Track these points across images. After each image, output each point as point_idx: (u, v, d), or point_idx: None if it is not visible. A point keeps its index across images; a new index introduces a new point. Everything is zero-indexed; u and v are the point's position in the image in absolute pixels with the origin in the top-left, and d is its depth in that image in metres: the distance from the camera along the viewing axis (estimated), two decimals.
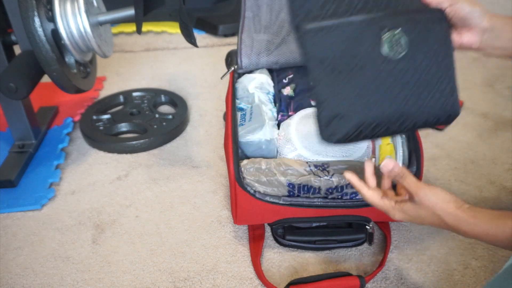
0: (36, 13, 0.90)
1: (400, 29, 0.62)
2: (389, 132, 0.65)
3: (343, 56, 0.62)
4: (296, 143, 0.80)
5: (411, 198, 0.65)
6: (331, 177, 0.75)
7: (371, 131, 0.64)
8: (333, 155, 0.80)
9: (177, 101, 1.30)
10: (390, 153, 0.80)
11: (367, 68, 0.62)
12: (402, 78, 0.63)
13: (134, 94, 1.34)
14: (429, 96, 0.64)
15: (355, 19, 0.62)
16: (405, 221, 0.67)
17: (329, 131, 0.64)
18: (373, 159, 0.81)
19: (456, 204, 0.62)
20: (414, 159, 0.79)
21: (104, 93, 1.41)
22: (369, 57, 0.62)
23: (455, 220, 0.62)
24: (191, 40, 0.97)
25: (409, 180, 0.65)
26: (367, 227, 0.83)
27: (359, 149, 0.81)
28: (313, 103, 0.88)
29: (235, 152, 0.77)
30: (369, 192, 0.68)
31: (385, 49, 0.62)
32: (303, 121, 0.84)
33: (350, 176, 0.70)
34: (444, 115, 0.66)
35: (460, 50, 0.67)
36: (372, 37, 0.62)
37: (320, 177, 0.75)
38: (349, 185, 0.76)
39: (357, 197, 0.78)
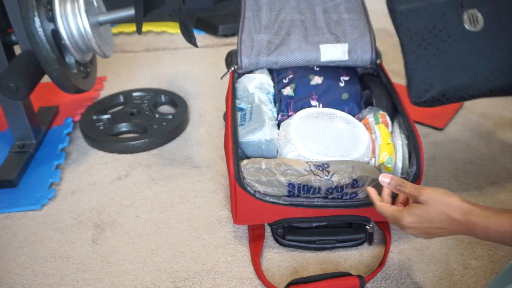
0: (36, 13, 0.90)
1: (476, 7, 0.77)
2: (468, 95, 0.81)
3: (430, 32, 0.79)
4: (296, 143, 0.80)
5: (417, 200, 0.66)
6: (331, 177, 0.75)
7: (453, 95, 0.80)
8: (333, 155, 0.80)
9: (177, 101, 1.30)
10: (390, 153, 0.80)
11: (450, 41, 0.78)
12: (480, 49, 0.78)
13: (134, 94, 1.34)
14: (501, 66, 0.77)
15: (440, 0, 0.78)
16: (414, 232, 0.67)
17: (417, 95, 0.81)
18: (373, 159, 0.81)
19: (460, 198, 0.63)
20: (414, 159, 0.79)
21: (104, 93, 1.41)
22: (452, 31, 0.78)
23: (463, 213, 0.62)
24: (191, 40, 0.97)
25: (410, 186, 0.68)
26: (367, 227, 0.83)
27: (359, 149, 0.81)
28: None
29: (235, 152, 0.77)
30: (381, 203, 0.70)
31: (465, 24, 0.77)
32: (303, 121, 0.84)
33: (371, 190, 0.73)
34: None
35: None
36: (454, 14, 0.78)
37: (320, 177, 0.75)
38: (349, 185, 0.76)
39: (357, 197, 0.78)
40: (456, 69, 0.79)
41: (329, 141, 0.82)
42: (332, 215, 0.80)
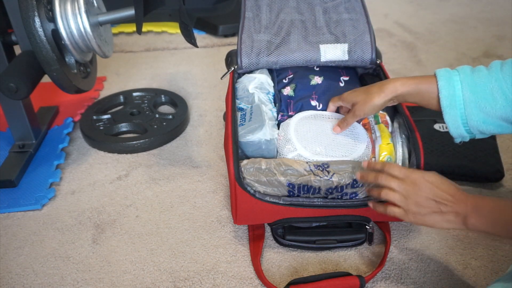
0: (36, 13, 0.90)
1: None
2: None
3: None
4: (296, 143, 0.80)
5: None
6: (331, 177, 0.75)
7: None
8: (333, 155, 0.80)
9: (177, 101, 1.30)
10: (390, 153, 0.80)
11: None
12: None
13: (134, 94, 1.34)
14: None
15: None
16: (400, 192, 0.69)
17: None
18: (373, 159, 0.81)
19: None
20: (414, 159, 0.79)
21: (104, 93, 1.41)
22: None
23: (455, 187, 0.67)
24: (191, 40, 0.97)
25: (394, 165, 0.72)
26: (367, 227, 0.83)
27: (358, 149, 0.81)
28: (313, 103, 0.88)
29: (235, 152, 0.77)
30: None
31: None
32: (302, 122, 0.84)
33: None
34: None
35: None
36: None
37: (320, 177, 0.75)
38: (349, 185, 0.76)
39: (357, 197, 0.78)
40: None
41: (328, 141, 0.82)
42: (332, 215, 0.80)
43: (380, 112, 0.87)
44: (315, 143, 0.81)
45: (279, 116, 0.90)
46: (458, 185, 0.68)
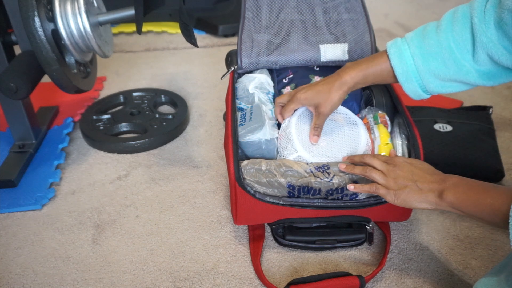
0: (36, 13, 0.90)
1: None
2: None
3: None
4: (297, 144, 0.79)
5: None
6: (331, 179, 0.75)
7: None
8: (334, 156, 0.80)
9: (177, 101, 1.30)
10: (388, 153, 0.80)
11: None
12: None
13: (134, 94, 1.34)
14: None
15: None
16: (383, 162, 0.72)
17: None
18: None
19: None
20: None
21: (104, 93, 1.41)
22: None
23: (433, 169, 0.70)
24: (191, 40, 0.97)
25: (375, 155, 0.75)
26: (367, 227, 0.83)
27: (358, 150, 0.81)
28: None
29: (235, 152, 0.77)
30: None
31: None
32: (304, 119, 0.83)
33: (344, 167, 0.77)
34: None
35: None
36: None
37: (321, 179, 0.75)
38: None
39: (357, 198, 0.78)
40: None
41: (329, 142, 0.81)
42: (332, 216, 0.80)
43: (379, 112, 0.87)
44: (316, 144, 0.80)
45: None
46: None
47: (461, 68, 0.67)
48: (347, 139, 0.82)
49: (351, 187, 0.74)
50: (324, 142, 0.81)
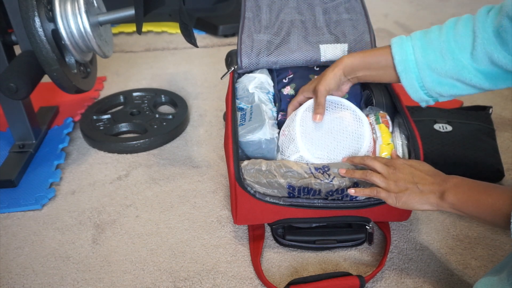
0: (36, 13, 0.90)
1: None
2: None
3: None
4: (300, 144, 0.79)
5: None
6: (331, 181, 0.75)
7: None
8: (335, 158, 0.79)
9: (177, 101, 1.30)
10: (390, 153, 0.80)
11: None
12: None
13: (134, 94, 1.34)
14: None
15: None
16: (384, 164, 0.73)
17: None
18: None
19: None
20: (413, 158, 0.79)
21: (104, 93, 1.41)
22: None
23: (435, 170, 0.70)
24: (191, 40, 0.97)
25: (375, 157, 0.75)
26: (367, 227, 0.83)
27: (361, 151, 0.80)
28: None
29: (235, 152, 0.77)
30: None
31: None
32: (309, 115, 0.82)
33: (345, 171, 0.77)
34: None
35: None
36: None
37: (321, 180, 0.75)
38: (350, 188, 0.76)
39: (357, 198, 0.78)
40: None
41: (332, 142, 0.80)
42: (332, 216, 0.80)
43: (381, 112, 0.87)
44: (319, 146, 0.80)
45: (279, 115, 0.90)
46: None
47: (457, 63, 0.68)
48: (351, 138, 0.81)
49: (351, 191, 0.74)
50: (327, 142, 0.80)
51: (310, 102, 0.84)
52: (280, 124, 0.87)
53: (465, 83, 0.69)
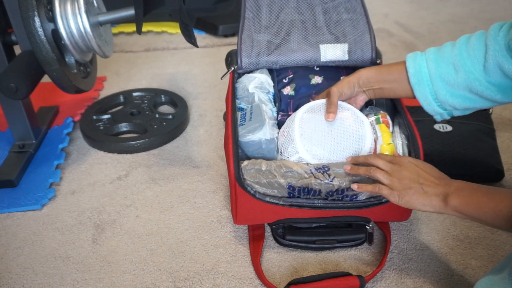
0: (36, 13, 0.90)
1: None
2: None
3: None
4: (299, 145, 0.79)
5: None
6: (331, 181, 0.75)
7: None
8: (335, 159, 0.79)
9: (177, 101, 1.30)
10: (391, 153, 0.80)
11: None
12: None
13: (134, 94, 1.34)
14: None
15: None
16: (386, 161, 0.73)
17: None
18: None
19: None
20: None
21: (104, 93, 1.41)
22: None
23: (439, 172, 0.70)
24: (191, 40, 0.97)
25: (379, 155, 0.76)
26: (367, 227, 0.83)
27: (362, 152, 0.80)
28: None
29: (235, 152, 0.77)
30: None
31: None
32: (308, 116, 0.82)
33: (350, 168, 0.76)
34: None
35: None
36: None
37: (321, 180, 0.75)
38: (350, 188, 0.76)
39: (357, 199, 0.78)
40: None
41: (333, 143, 0.80)
42: (332, 216, 0.80)
43: (381, 112, 0.87)
44: (319, 146, 0.79)
45: (279, 115, 0.90)
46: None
47: (469, 76, 0.69)
48: (351, 139, 0.80)
49: (354, 186, 0.74)
50: (327, 143, 0.80)
51: (311, 103, 0.84)
52: (280, 124, 0.87)
53: (477, 95, 0.70)
